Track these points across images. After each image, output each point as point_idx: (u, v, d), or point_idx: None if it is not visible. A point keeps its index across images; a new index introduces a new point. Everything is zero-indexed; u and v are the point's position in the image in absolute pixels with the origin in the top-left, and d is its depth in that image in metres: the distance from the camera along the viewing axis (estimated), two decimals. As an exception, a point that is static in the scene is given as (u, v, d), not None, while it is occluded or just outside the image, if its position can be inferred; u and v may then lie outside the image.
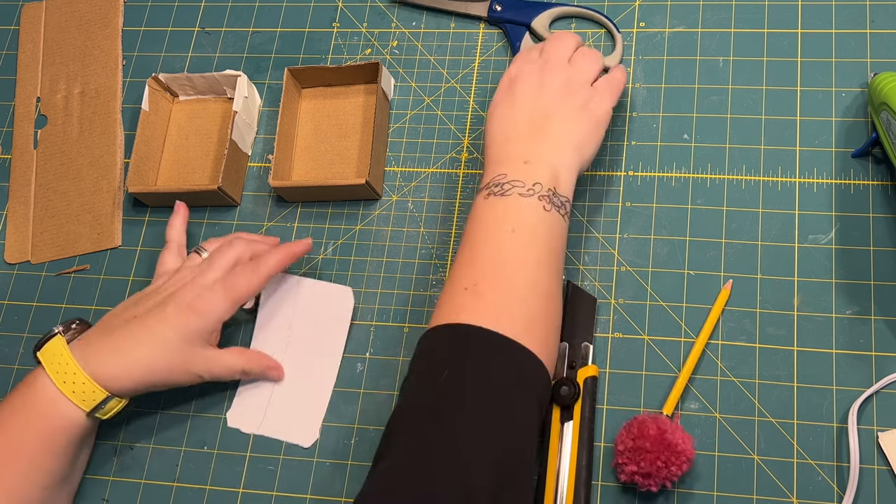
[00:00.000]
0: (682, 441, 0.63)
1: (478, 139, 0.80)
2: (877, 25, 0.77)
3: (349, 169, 0.80)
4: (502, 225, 0.63)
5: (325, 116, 0.83)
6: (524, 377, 0.59)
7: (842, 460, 0.65)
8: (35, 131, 0.87)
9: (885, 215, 0.71)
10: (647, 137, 0.77)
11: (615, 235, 0.74)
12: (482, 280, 0.61)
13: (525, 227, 0.63)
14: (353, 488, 0.70)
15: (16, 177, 0.86)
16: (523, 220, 0.63)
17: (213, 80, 0.83)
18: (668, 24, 0.80)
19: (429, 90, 0.82)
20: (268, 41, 0.87)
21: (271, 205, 0.81)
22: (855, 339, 0.68)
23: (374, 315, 0.75)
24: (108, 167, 0.84)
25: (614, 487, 0.66)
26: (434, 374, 0.58)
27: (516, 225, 0.63)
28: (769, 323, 0.69)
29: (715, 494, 0.65)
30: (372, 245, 0.77)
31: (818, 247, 0.71)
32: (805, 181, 0.73)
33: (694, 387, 0.68)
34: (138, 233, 0.82)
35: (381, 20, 0.86)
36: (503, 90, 0.70)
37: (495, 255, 0.62)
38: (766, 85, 0.77)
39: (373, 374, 0.73)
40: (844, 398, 0.66)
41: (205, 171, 0.82)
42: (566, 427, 0.67)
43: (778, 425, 0.66)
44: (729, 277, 0.71)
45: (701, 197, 0.74)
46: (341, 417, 0.72)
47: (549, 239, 0.63)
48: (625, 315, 0.71)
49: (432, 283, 0.75)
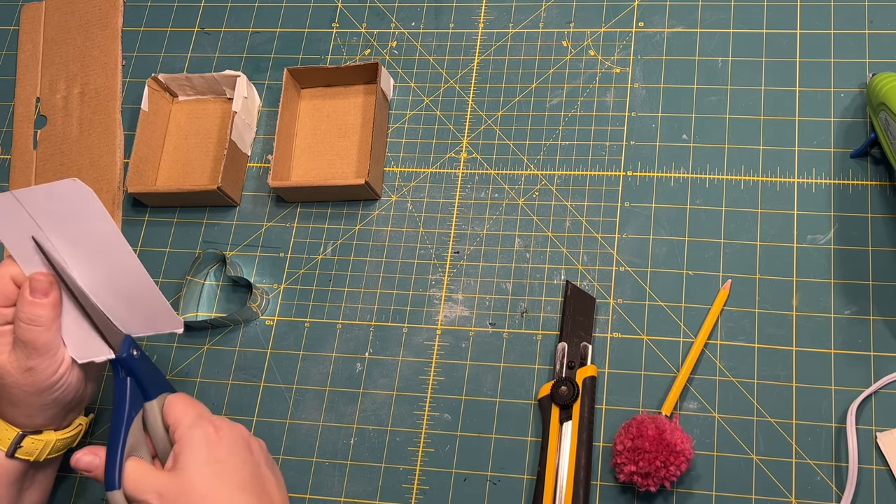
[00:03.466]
0: (680, 441, 0.63)
1: (477, 139, 0.80)
2: (875, 26, 0.77)
3: (348, 169, 0.80)
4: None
5: (324, 116, 0.83)
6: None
7: (840, 460, 0.65)
8: (35, 131, 0.87)
9: (883, 215, 0.71)
10: (645, 137, 0.77)
11: (614, 235, 0.74)
12: None
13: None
14: (353, 488, 0.70)
15: (16, 177, 0.86)
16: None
17: (212, 80, 0.83)
18: (667, 25, 0.81)
19: (428, 90, 0.82)
20: (267, 41, 0.87)
21: (271, 205, 0.81)
22: (853, 339, 0.68)
23: (374, 315, 0.75)
24: (108, 167, 0.84)
25: (613, 487, 0.67)
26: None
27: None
28: (768, 323, 0.69)
29: (714, 494, 0.65)
30: (371, 245, 0.78)
31: (817, 247, 0.71)
32: (804, 181, 0.73)
33: (693, 387, 0.68)
34: (138, 233, 0.82)
35: (380, 20, 0.86)
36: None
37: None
38: (765, 85, 0.77)
39: (372, 374, 0.73)
40: (843, 398, 0.66)
41: (204, 172, 0.82)
42: (565, 427, 0.67)
43: (777, 425, 0.66)
44: (728, 277, 0.71)
45: (700, 197, 0.74)
46: (341, 417, 0.72)
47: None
48: (624, 315, 0.71)
49: (431, 283, 0.75)
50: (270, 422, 0.73)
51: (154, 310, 0.64)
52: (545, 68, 0.81)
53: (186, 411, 0.61)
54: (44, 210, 0.60)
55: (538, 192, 0.77)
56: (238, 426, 0.62)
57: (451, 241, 0.77)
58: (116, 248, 0.61)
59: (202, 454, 0.59)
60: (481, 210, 0.77)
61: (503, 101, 0.81)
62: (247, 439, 0.62)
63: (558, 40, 0.82)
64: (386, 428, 0.71)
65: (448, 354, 0.73)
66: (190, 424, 0.60)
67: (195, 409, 0.62)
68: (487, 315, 0.74)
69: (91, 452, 0.61)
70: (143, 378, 0.63)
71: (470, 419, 0.70)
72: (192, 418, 0.61)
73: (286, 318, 0.76)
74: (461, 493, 0.69)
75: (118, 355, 0.62)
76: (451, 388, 0.72)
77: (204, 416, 0.61)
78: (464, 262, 0.76)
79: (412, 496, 0.69)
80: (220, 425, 0.61)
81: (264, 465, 0.62)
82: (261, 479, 0.61)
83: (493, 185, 0.78)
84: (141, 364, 0.63)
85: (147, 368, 0.63)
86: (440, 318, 0.74)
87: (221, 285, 0.79)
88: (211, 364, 0.76)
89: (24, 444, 0.64)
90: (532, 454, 0.69)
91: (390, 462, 0.70)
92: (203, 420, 0.61)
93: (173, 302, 0.78)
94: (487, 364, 0.72)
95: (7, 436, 0.64)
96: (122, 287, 0.63)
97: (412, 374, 0.73)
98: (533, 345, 0.72)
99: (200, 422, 0.61)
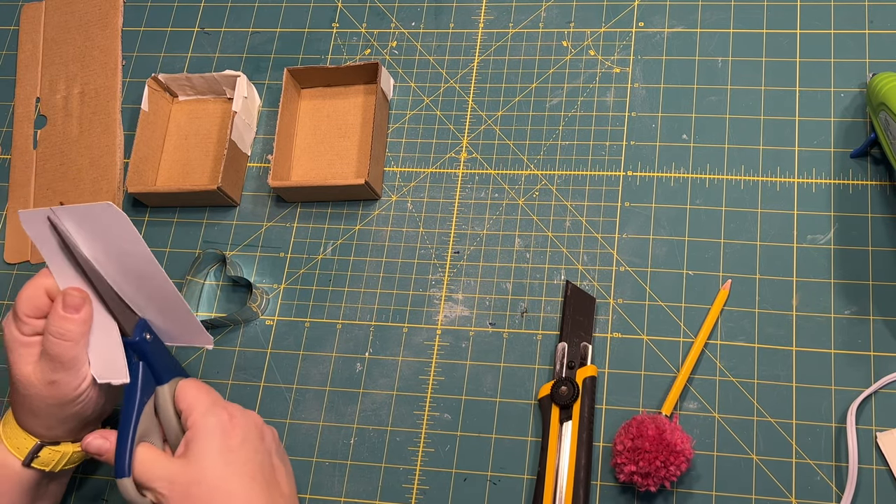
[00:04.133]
0: (680, 441, 0.63)
1: (477, 139, 0.80)
2: (875, 26, 0.77)
3: (348, 169, 0.80)
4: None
5: (324, 116, 0.83)
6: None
7: (840, 460, 0.65)
8: (35, 131, 0.87)
9: (883, 215, 0.71)
10: (645, 137, 0.77)
11: (614, 235, 0.74)
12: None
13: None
14: (353, 488, 0.70)
15: (15, 177, 0.86)
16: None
17: (212, 80, 0.83)
18: (667, 24, 0.81)
19: (428, 90, 0.82)
20: (267, 41, 0.87)
21: (271, 205, 0.81)
22: (853, 339, 0.68)
23: (374, 315, 0.75)
24: (108, 167, 0.84)
25: (613, 487, 0.67)
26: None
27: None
28: (768, 323, 0.69)
29: (714, 494, 0.65)
30: (371, 245, 0.78)
31: (817, 247, 0.71)
32: (804, 181, 0.73)
33: (693, 387, 0.68)
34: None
35: (380, 20, 0.86)
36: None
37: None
38: (765, 85, 0.77)
39: (372, 374, 0.73)
40: (843, 398, 0.66)
41: (204, 172, 0.82)
42: (565, 427, 0.67)
43: (777, 425, 0.66)
44: (728, 277, 0.71)
45: (700, 197, 0.74)
46: (341, 417, 0.72)
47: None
48: (624, 315, 0.71)
49: (431, 283, 0.75)
50: (270, 422, 0.73)
51: (186, 325, 0.64)
52: (545, 68, 0.81)
53: (199, 397, 0.61)
54: (79, 227, 0.61)
55: (538, 192, 0.77)
56: (252, 414, 0.62)
57: (451, 241, 0.77)
58: (150, 269, 0.61)
59: (215, 442, 0.59)
60: (481, 210, 0.77)
61: (503, 101, 0.81)
62: (260, 427, 0.62)
63: (558, 40, 0.82)
64: (386, 428, 0.71)
65: (448, 354, 0.73)
66: (204, 412, 0.60)
67: (209, 395, 0.62)
68: (487, 315, 0.74)
69: (102, 436, 0.61)
70: (156, 363, 0.62)
71: (470, 419, 0.70)
72: (205, 405, 0.61)
73: (286, 318, 0.76)
74: (461, 493, 0.69)
75: (131, 339, 0.62)
76: (451, 388, 0.72)
77: (218, 403, 0.61)
78: (464, 262, 0.76)
79: (412, 496, 0.69)
80: (234, 413, 0.61)
81: (275, 454, 0.62)
82: (271, 468, 0.61)
83: (493, 185, 0.78)
84: (154, 348, 0.63)
85: (160, 353, 0.63)
86: (440, 318, 0.74)
87: (221, 285, 0.79)
88: (211, 364, 0.76)
89: (42, 455, 0.64)
90: (532, 454, 0.69)
91: (390, 462, 0.70)
92: (217, 407, 0.61)
93: (173, 302, 0.78)
94: (487, 364, 0.72)
95: (25, 445, 0.64)
96: (153, 302, 0.63)
97: (412, 374, 0.73)
98: (533, 345, 0.72)
99: (215, 409, 0.60)
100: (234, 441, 0.59)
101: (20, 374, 0.61)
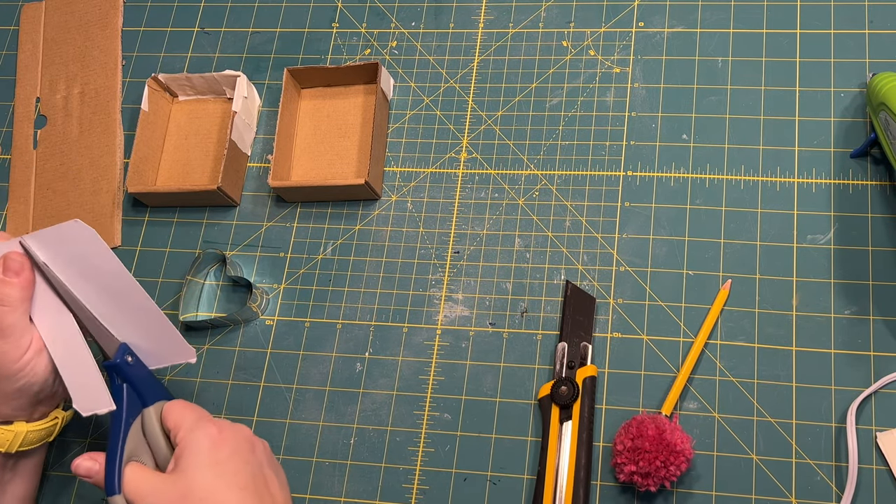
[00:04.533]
0: (680, 441, 0.63)
1: (477, 139, 0.80)
2: (875, 26, 0.77)
3: (348, 169, 0.80)
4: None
5: (324, 116, 0.83)
6: None
7: (840, 460, 0.65)
8: (35, 131, 0.87)
9: (883, 215, 0.71)
10: (645, 137, 0.77)
11: (614, 235, 0.74)
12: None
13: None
14: (353, 488, 0.70)
15: (15, 177, 0.86)
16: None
17: (212, 80, 0.83)
18: (667, 24, 0.81)
19: (428, 90, 0.82)
20: (267, 41, 0.87)
21: (271, 205, 0.81)
22: (853, 339, 0.68)
23: (374, 315, 0.75)
24: (108, 167, 0.84)
25: (613, 487, 0.67)
26: None
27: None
28: (768, 323, 0.69)
29: (714, 494, 0.65)
30: (371, 245, 0.78)
31: (817, 247, 0.71)
32: (804, 181, 0.73)
33: (693, 387, 0.68)
34: (138, 233, 0.82)
35: (380, 20, 0.86)
36: None
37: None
38: (765, 85, 0.77)
39: (372, 373, 0.73)
40: (843, 398, 0.66)
41: (204, 172, 0.82)
42: (565, 427, 0.67)
43: (777, 425, 0.66)
44: (728, 277, 0.71)
45: (700, 197, 0.74)
46: (341, 417, 0.72)
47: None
48: (624, 315, 0.71)
49: (431, 283, 0.75)
50: (270, 422, 0.73)
51: (166, 342, 0.64)
52: (545, 68, 0.81)
53: (185, 414, 0.61)
54: (51, 251, 0.60)
55: (538, 192, 0.77)
56: (241, 427, 0.62)
57: (451, 241, 0.77)
58: (124, 285, 0.61)
59: (204, 456, 0.59)
60: (481, 210, 0.77)
61: (503, 101, 0.81)
62: (250, 440, 0.62)
63: (558, 40, 0.82)
64: (386, 428, 0.71)
65: (448, 354, 0.73)
66: (191, 427, 0.60)
67: (194, 412, 0.62)
68: (487, 315, 0.74)
69: (91, 458, 0.60)
70: (139, 384, 0.63)
71: (470, 419, 0.70)
72: (192, 421, 0.60)
73: (286, 318, 0.76)
74: (461, 493, 0.69)
75: (112, 361, 0.62)
76: (451, 388, 0.72)
77: (204, 418, 0.61)
78: (464, 261, 0.76)
79: (412, 496, 0.69)
80: (222, 426, 0.61)
81: (267, 465, 0.62)
82: (263, 479, 0.61)
83: (493, 184, 0.78)
84: (136, 370, 0.63)
85: (142, 375, 0.63)
86: (440, 317, 0.74)
87: (221, 285, 0.79)
88: (211, 364, 0.76)
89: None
90: (532, 454, 0.69)
91: (390, 462, 0.70)
92: (204, 421, 0.61)
93: (173, 302, 0.78)
94: (487, 364, 0.72)
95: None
96: (132, 321, 0.63)
97: (412, 374, 0.73)
98: (533, 345, 0.72)
99: (202, 423, 0.60)
100: (222, 453, 0.59)
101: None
